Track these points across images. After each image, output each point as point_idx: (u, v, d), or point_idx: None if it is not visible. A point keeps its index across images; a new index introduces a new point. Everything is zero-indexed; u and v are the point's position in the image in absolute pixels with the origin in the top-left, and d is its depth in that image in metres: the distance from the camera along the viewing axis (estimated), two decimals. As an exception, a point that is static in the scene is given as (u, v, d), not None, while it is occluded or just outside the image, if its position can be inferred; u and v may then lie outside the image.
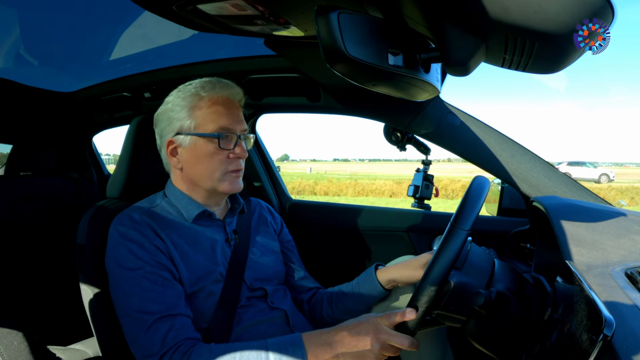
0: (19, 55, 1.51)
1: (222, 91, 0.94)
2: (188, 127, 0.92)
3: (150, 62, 1.56)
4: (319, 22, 0.54)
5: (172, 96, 0.96)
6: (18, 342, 0.73)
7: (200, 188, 0.96)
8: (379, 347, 0.74)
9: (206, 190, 0.96)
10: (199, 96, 0.93)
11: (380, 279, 1.01)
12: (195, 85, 0.95)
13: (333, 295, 1.08)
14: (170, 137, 0.94)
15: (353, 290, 1.05)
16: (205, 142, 0.92)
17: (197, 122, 0.92)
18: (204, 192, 0.96)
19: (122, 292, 0.84)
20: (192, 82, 0.96)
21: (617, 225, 0.78)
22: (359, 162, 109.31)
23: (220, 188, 0.94)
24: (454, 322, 0.77)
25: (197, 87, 0.94)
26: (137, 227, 0.87)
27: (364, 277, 1.05)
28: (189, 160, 0.94)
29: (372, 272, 1.03)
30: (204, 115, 0.92)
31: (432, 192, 1.50)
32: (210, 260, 0.92)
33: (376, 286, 1.01)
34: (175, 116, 0.93)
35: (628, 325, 0.48)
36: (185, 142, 0.93)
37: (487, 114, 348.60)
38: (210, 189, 0.95)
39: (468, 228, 0.70)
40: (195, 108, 0.92)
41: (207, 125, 0.92)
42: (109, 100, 1.78)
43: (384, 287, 1.01)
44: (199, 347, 0.78)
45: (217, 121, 0.92)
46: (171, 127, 0.94)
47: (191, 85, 0.95)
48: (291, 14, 0.85)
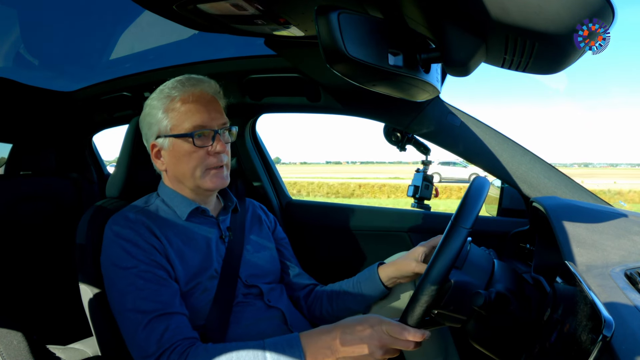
0: (19, 55, 1.51)
1: (193, 88, 0.94)
2: (165, 130, 0.93)
3: (150, 62, 1.56)
4: (319, 22, 0.54)
5: (149, 100, 0.97)
6: (18, 342, 0.73)
7: (185, 187, 0.97)
8: (382, 353, 0.74)
9: (191, 189, 0.97)
10: (171, 97, 0.93)
11: (381, 277, 1.02)
12: (167, 85, 0.95)
13: (333, 293, 1.08)
14: (152, 140, 0.96)
15: (354, 288, 1.05)
16: (181, 142, 0.92)
17: (172, 123, 0.92)
18: (189, 190, 0.97)
19: (116, 291, 0.84)
20: (165, 84, 0.96)
21: (616, 226, 0.78)
22: (350, 164, 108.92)
23: (204, 185, 0.94)
24: (454, 322, 0.77)
25: (169, 87, 0.95)
26: (132, 225, 0.87)
27: (366, 275, 1.05)
28: (171, 161, 0.95)
29: (375, 271, 1.03)
30: (177, 116, 0.92)
31: (432, 192, 1.51)
32: (206, 257, 0.93)
33: (378, 285, 1.02)
34: (152, 120, 0.95)
35: (627, 326, 0.48)
36: (165, 145, 0.94)
37: (486, 115, 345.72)
38: (194, 187, 0.95)
39: (469, 226, 0.70)
40: (169, 110, 0.93)
41: (181, 124, 0.92)
42: (109, 100, 1.78)
43: (385, 286, 1.01)
44: (196, 347, 0.78)
45: (191, 119, 0.92)
46: (151, 131, 0.95)
47: (165, 87, 0.96)
48: (291, 14, 0.85)
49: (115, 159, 2.25)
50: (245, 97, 1.49)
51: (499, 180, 1.26)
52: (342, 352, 0.74)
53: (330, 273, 1.43)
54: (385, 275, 1.01)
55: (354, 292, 1.04)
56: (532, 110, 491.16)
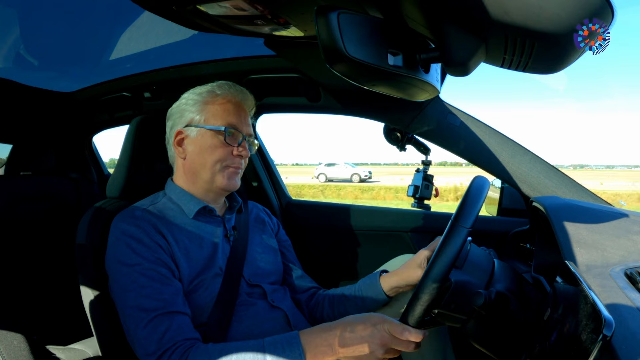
0: (19, 55, 1.51)
1: (237, 94, 1.00)
2: (198, 120, 0.97)
3: (150, 62, 1.56)
4: (318, 22, 0.54)
5: (187, 93, 1.01)
6: (18, 342, 0.74)
7: (199, 180, 0.98)
8: (382, 353, 0.74)
9: (205, 182, 0.97)
10: (214, 93, 0.98)
11: (383, 286, 1.01)
12: (212, 84, 1.01)
13: (335, 298, 1.08)
14: (179, 127, 0.98)
15: (356, 295, 1.05)
16: (211, 135, 0.96)
17: (207, 116, 0.97)
18: (202, 184, 0.98)
19: (119, 288, 0.84)
20: (210, 84, 1.01)
21: (616, 226, 0.78)
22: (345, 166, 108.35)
23: (218, 181, 0.96)
24: (454, 322, 0.77)
25: (214, 86, 1.00)
26: (138, 223, 0.88)
27: (368, 283, 1.05)
28: (193, 150, 0.97)
29: (377, 280, 1.03)
30: (214, 111, 0.97)
31: (432, 192, 1.51)
32: (211, 255, 0.93)
33: (379, 293, 1.01)
34: (187, 109, 0.98)
35: (627, 326, 0.48)
36: (192, 133, 0.97)
37: (486, 115, 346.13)
38: (208, 179, 0.96)
39: (469, 226, 0.70)
40: (207, 103, 0.98)
41: (216, 120, 0.96)
42: (109, 100, 1.78)
43: (387, 295, 1.01)
44: (197, 347, 0.78)
45: (226, 118, 0.97)
46: (182, 119, 0.98)
47: (208, 85, 1.01)
48: (291, 14, 0.85)
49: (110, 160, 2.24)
50: None
51: (499, 180, 1.26)
52: (343, 350, 0.74)
53: (330, 273, 1.43)
54: (388, 285, 1.01)
55: (355, 299, 1.05)
56: (528, 112, 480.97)
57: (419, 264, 0.97)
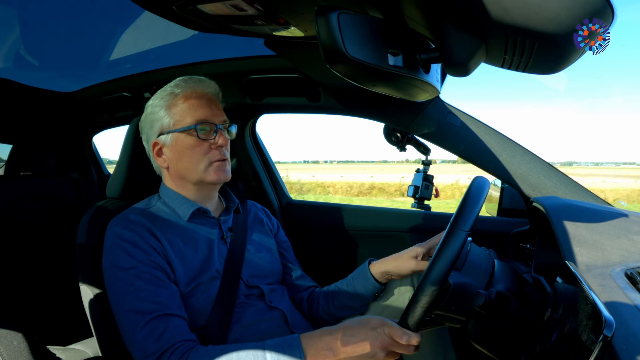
0: (19, 55, 1.51)
1: (195, 85, 0.97)
2: (167, 126, 0.95)
3: (150, 62, 1.56)
4: (318, 22, 0.54)
5: (151, 100, 0.99)
6: (18, 342, 0.73)
7: (188, 183, 0.97)
8: (383, 355, 0.74)
9: (194, 184, 0.97)
10: (174, 94, 0.96)
11: (373, 273, 1.03)
12: (170, 85, 0.98)
13: (329, 292, 1.09)
14: (154, 139, 0.97)
15: (348, 285, 1.07)
16: (185, 136, 0.94)
17: (175, 119, 0.95)
18: (192, 186, 0.97)
19: (115, 292, 0.84)
20: (167, 85, 0.99)
21: (617, 226, 0.78)
22: (328, 163, 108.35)
23: (208, 179, 0.95)
24: (454, 323, 0.77)
25: (172, 86, 0.98)
26: (133, 227, 0.88)
27: (358, 271, 1.07)
28: (173, 157, 0.96)
29: (366, 267, 1.05)
30: (180, 111, 0.95)
31: (432, 192, 1.51)
32: (207, 258, 0.93)
33: (370, 280, 1.03)
34: (155, 118, 0.96)
35: (628, 326, 0.48)
36: (167, 141, 0.95)
37: (487, 116, 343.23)
38: (197, 181, 0.96)
39: (467, 229, 0.70)
40: (171, 106, 0.95)
41: (184, 119, 0.94)
42: (109, 100, 1.78)
43: (378, 281, 1.03)
44: (196, 349, 0.78)
45: (193, 114, 0.94)
46: (153, 129, 0.97)
47: (167, 86, 0.99)
48: (291, 14, 0.85)
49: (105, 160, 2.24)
50: (245, 98, 1.49)
51: (499, 180, 1.26)
52: (343, 353, 0.74)
53: (330, 273, 1.43)
54: (378, 271, 1.03)
55: (348, 289, 1.06)
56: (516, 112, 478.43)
57: (412, 256, 0.99)
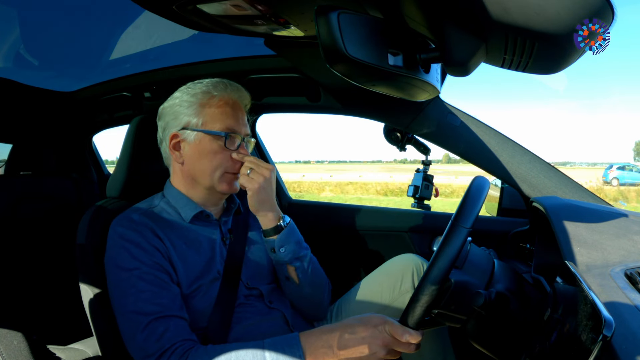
0: (19, 55, 1.51)
1: (233, 93, 0.96)
2: (195, 124, 0.93)
3: (150, 62, 1.56)
4: (318, 22, 0.54)
5: (180, 92, 0.97)
6: (18, 342, 0.73)
7: (199, 185, 0.96)
8: (383, 354, 0.74)
9: (205, 188, 0.96)
10: (211, 94, 0.94)
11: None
12: (206, 83, 0.96)
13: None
14: (174, 130, 0.95)
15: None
16: (211, 140, 0.93)
17: (205, 119, 0.93)
18: (202, 190, 0.97)
19: (118, 292, 0.84)
20: (202, 81, 0.97)
21: (616, 226, 0.78)
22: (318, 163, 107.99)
23: (219, 187, 0.94)
24: (454, 322, 0.77)
25: (209, 85, 0.96)
26: (136, 227, 0.87)
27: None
28: (192, 155, 0.94)
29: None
30: (212, 114, 0.93)
31: (432, 192, 1.51)
32: (208, 259, 0.93)
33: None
34: (182, 111, 0.94)
35: (627, 326, 0.48)
36: (190, 137, 0.94)
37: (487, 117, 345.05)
38: (208, 186, 0.95)
39: (469, 226, 0.70)
40: (205, 105, 0.94)
41: (214, 123, 0.93)
42: (109, 100, 1.78)
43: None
44: (196, 349, 0.78)
45: (225, 121, 0.93)
46: (177, 121, 0.95)
47: (202, 84, 0.96)
48: (291, 14, 0.85)
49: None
50: None
51: (499, 180, 1.26)
52: (343, 351, 0.74)
53: (330, 273, 1.43)
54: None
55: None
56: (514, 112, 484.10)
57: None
